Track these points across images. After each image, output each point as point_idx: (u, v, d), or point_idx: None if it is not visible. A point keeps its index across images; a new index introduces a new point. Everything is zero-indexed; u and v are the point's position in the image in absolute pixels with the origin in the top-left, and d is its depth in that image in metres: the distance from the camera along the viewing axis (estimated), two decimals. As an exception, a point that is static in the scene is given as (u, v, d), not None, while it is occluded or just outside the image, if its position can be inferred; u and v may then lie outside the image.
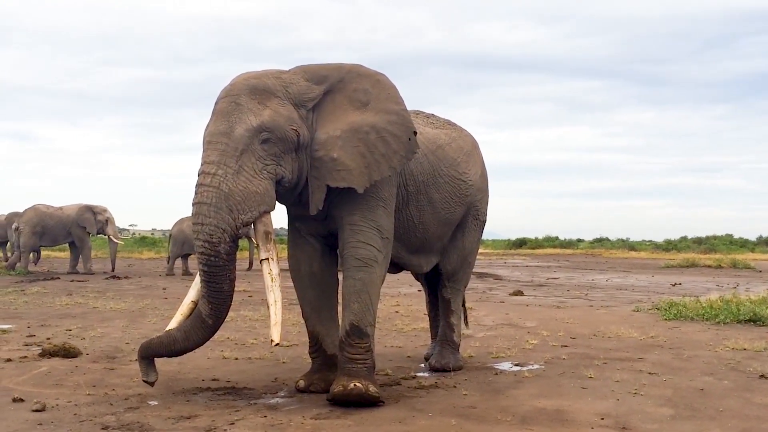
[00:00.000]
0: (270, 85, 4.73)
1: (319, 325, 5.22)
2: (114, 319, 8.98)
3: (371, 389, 4.67)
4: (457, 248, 6.08)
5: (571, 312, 10.41)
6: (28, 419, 4.31)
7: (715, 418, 4.50)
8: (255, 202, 4.54)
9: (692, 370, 6.02)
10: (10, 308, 10.16)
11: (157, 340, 4.84)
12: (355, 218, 4.92)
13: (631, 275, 20.66)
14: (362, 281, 4.88)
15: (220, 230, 4.46)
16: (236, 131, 4.54)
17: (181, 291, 13.33)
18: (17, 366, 5.94)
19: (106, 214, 18.72)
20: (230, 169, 4.49)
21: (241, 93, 4.65)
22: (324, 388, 5.01)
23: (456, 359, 6.03)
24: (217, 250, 4.47)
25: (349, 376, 4.73)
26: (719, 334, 8.11)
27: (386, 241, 5.02)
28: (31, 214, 18.47)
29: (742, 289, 14.90)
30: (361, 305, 4.85)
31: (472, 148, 6.15)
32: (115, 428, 4.14)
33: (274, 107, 4.66)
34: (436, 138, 5.74)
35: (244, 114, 4.58)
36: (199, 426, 4.20)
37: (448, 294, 6.13)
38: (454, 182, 5.73)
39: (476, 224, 6.22)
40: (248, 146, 4.54)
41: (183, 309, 4.83)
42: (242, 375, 5.65)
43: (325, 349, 5.20)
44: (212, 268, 4.51)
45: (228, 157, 4.50)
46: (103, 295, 12.19)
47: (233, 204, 4.47)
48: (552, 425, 4.31)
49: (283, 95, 4.74)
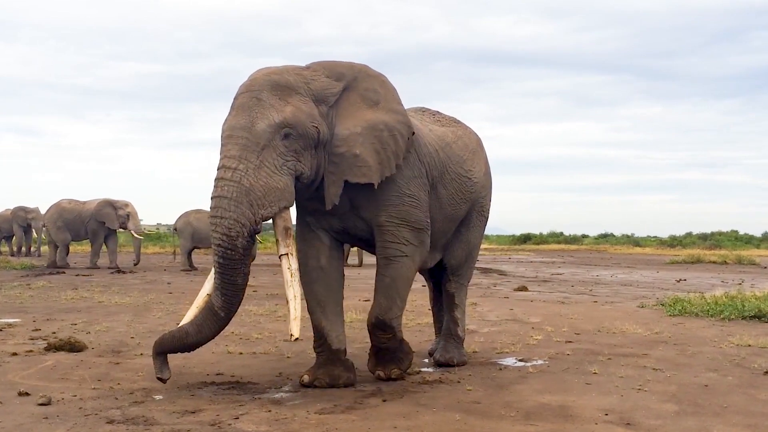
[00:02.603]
0: (291, 81, 4.76)
1: (325, 319, 5.24)
2: (119, 314, 9.00)
3: (393, 374, 5.27)
4: (461, 244, 6.11)
5: (575, 308, 10.40)
6: (33, 413, 4.32)
7: (719, 414, 4.50)
8: (275, 198, 4.58)
9: (696, 366, 6.01)
10: (15, 302, 10.19)
11: (169, 335, 4.84)
12: (381, 219, 5.13)
13: (636, 271, 20.63)
14: (390, 277, 5.17)
15: (239, 224, 4.50)
16: (258, 126, 4.56)
17: (186, 286, 13.36)
18: (23, 360, 5.97)
19: (128, 208, 18.60)
20: (251, 164, 4.52)
21: (262, 88, 4.67)
22: (328, 383, 5.06)
23: (460, 354, 6.05)
24: (234, 244, 4.51)
25: (377, 361, 5.32)
26: (724, 331, 8.09)
27: (418, 232, 5.24)
28: (52, 210, 18.63)
29: (747, 285, 14.86)
30: (388, 300, 5.16)
31: (477, 146, 6.20)
32: (120, 422, 4.15)
33: (296, 104, 4.69)
34: (443, 136, 5.81)
35: (265, 109, 4.61)
36: (203, 420, 4.21)
37: (452, 288, 6.16)
38: (460, 179, 5.78)
39: (480, 220, 6.26)
40: (270, 142, 4.57)
41: (198, 302, 4.86)
42: (247, 370, 5.67)
43: (330, 344, 5.22)
44: (228, 261, 4.54)
45: (249, 152, 4.53)
46: (108, 290, 12.22)
47: (254, 199, 4.51)
48: (556, 420, 4.31)
49: (304, 92, 4.78)
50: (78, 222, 18.50)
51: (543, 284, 15.14)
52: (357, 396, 4.87)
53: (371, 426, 4.15)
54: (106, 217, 18.26)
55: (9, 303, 10.10)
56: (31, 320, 8.35)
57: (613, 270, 21.07)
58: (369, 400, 4.74)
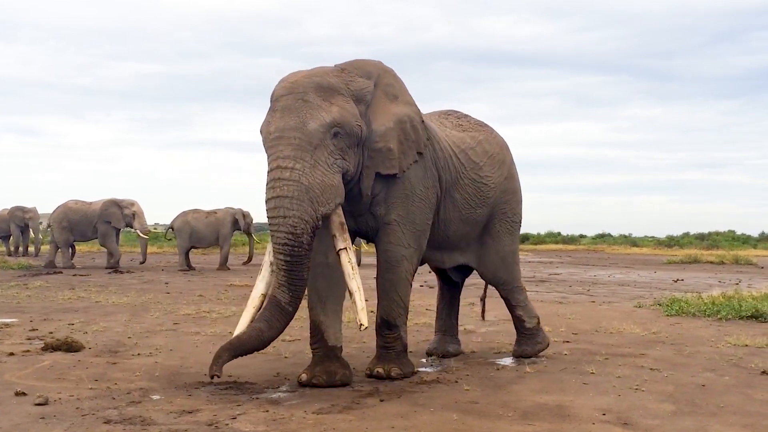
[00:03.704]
0: (334, 83, 4.95)
1: (323, 315, 5.27)
2: (116, 314, 9.00)
3: (393, 372, 5.31)
4: (490, 253, 6.30)
5: (573, 308, 10.41)
6: (30, 413, 4.32)
7: (716, 414, 4.50)
8: (332, 195, 4.79)
9: (694, 366, 6.02)
10: (13, 302, 10.18)
11: (246, 336, 4.80)
12: (391, 217, 5.33)
13: (634, 271, 20.65)
14: (390, 281, 5.38)
15: (304, 221, 4.67)
16: (309, 126, 4.71)
17: (183, 286, 13.35)
18: (20, 360, 5.96)
19: (134, 207, 18.45)
20: (307, 163, 4.68)
21: (307, 90, 4.82)
22: (326, 381, 5.08)
23: (533, 345, 6.36)
24: (300, 241, 4.67)
25: (378, 359, 5.42)
26: (721, 331, 8.11)
27: (418, 233, 5.45)
28: (59, 210, 18.58)
29: (744, 285, 14.89)
30: (390, 302, 5.37)
31: (500, 150, 6.29)
32: (117, 422, 4.15)
33: (341, 104, 4.90)
34: (461, 141, 5.99)
35: (314, 110, 4.76)
36: (201, 420, 4.21)
37: (504, 294, 6.44)
38: (474, 185, 5.96)
39: (506, 226, 6.36)
40: (322, 141, 4.75)
41: (254, 302, 4.97)
42: (244, 370, 5.66)
43: (326, 341, 5.24)
44: (295, 258, 4.69)
45: (303, 152, 4.68)
46: (105, 290, 12.21)
47: (314, 197, 4.69)
48: (553, 420, 4.31)
49: (345, 92, 4.99)
50: (84, 222, 18.38)
51: (540, 284, 15.15)
52: (354, 396, 4.87)
53: (369, 426, 4.15)
54: (111, 217, 18.13)
55: (6, 303, 10.08)
56: (29, 320, 8.34)
57: (610, 270, 21.09)
58: (366, 400, 4.74)
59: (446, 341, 6.55)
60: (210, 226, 18.42)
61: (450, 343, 6.55)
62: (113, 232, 18.40)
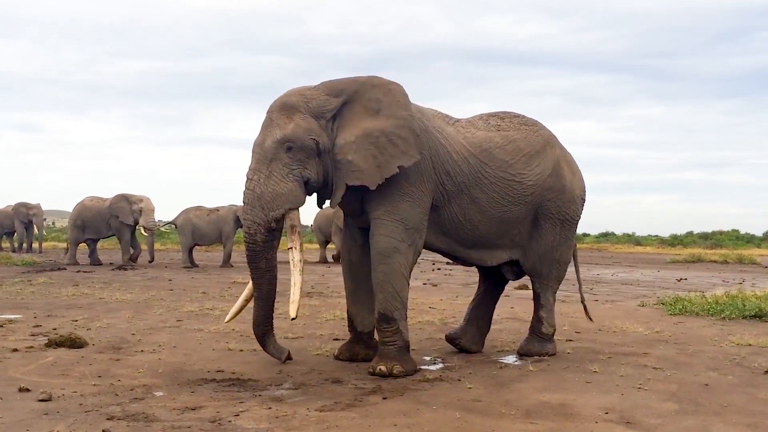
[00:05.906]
0: (294, 101, 5.53)
1: (353, 306, 6.07)
2: (120, 310, 9.01)
3: (395, 370, 5.38)
4: (533, 247, 6.37)
5: (576, 306, 10.39)
6: (33, 409, 4.33)
7: (719, 414, 4.50)
8: (282, 201, 5.41)
9: (697, 366, 6.01)
10: (16, 298, 10.20)
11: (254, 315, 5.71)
12: (379, 213, 5.60)
13: (637, 270, 20.63)
14: (383, 273, 5.54)
15: (256, 224, 5.44)
16: (266, 143, 5.44)
17: (187, 283, 13.37)
18: (23, 356, 5.97)
19: (141, 204, 18.06)
20: (263, 175, 5.41)
21: (274, 110, 5.55)
22: (348, 358, 5.97)
23: (542, 346, 6.40)
24: (255, 239, 5.47)
25: (381, 357, 5.52)
26: (724, 330, 8.10)
27: (411, 231, 5.62)
28: (75, 208, 18.57)
29: (747, 284, 14.86)
30: (385, 295, 5.53)
31: (540, 148, 6.25)
32: (120, 418, 4.15)
33: (297, 121, 5.46)
34: (484, 141, 6.04)
35: (273, 128, 5.47)
36: (203, 417, 4.22)
37: (536, 288, 6.55)
38: (503, 183, 6.02)
39: (553, 223, 6.35)
40: (275, 155, 5.41)
41: (246, 294, 5.88)
42: (247, 367, 5.67)
43: (356, 327, 6.06)
44: (251, 252, 5.53)
45: (261, 164, 5.43)
46: (109, 286, 12.23)
47: (264, 203, 5.39)
48: (556, 419, 4.31)
49: (304, 110, 5.51)
50: (98, 219, 18.25)
51: (544, 283, 15.10)
52: (357, 393, 4.88)
53: (371, 423, 4.15)
54: (120, 211, 17.96)
55: (10, 299, 10.10)
56: (32, 316, 8.35)
57: (613, 269, 21.07)
58: (369, 398, 4.75)
59: (469, 332, 6.56)
60: (212, 223, 18.41)
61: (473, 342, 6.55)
62: (126, 229, 18.19)
